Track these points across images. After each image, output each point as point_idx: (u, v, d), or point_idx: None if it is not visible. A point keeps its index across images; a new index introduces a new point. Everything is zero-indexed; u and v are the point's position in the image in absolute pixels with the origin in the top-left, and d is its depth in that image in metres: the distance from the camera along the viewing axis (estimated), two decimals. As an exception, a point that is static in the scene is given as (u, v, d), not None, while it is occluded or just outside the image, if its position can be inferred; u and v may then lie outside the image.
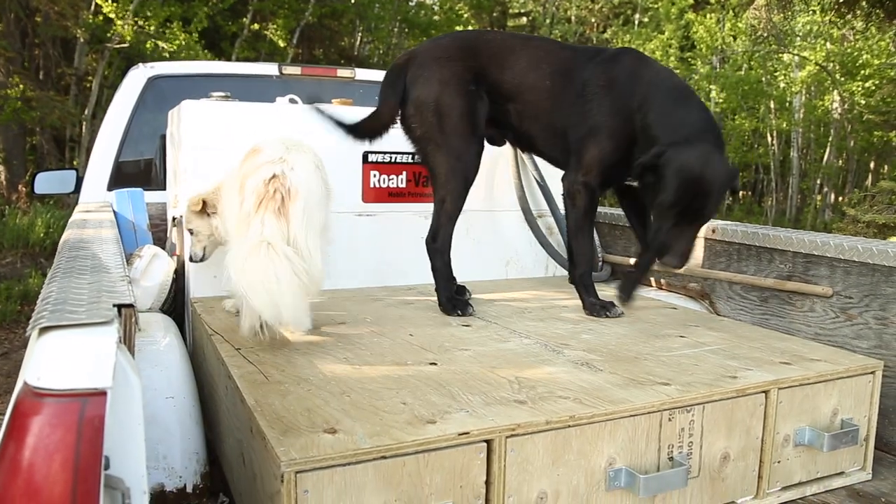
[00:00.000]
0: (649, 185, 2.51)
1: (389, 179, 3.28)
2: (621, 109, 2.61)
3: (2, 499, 0.99)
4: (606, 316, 2.76)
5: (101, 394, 1.02)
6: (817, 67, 17.12)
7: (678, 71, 21.04)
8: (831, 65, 17.06)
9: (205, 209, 2.65)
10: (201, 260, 2.75)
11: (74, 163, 12.70)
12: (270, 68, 4.33)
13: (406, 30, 20.23)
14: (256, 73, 4.29)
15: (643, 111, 2.56)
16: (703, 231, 3.22)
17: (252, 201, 2.20)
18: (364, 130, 2.84)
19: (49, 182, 4.50)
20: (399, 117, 2.81)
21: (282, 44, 16.19)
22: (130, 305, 1.32)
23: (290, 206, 2.19)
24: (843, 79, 17.25)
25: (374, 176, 3.26)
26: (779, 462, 2.05)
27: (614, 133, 2.63)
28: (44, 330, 1.14)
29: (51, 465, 0.99)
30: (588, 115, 2.66)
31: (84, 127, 12.74)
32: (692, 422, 1.88)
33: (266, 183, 2.20)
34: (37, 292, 7.97)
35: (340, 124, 2.80)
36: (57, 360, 1.06)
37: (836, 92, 17.56)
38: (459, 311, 2.72)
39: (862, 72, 16.87)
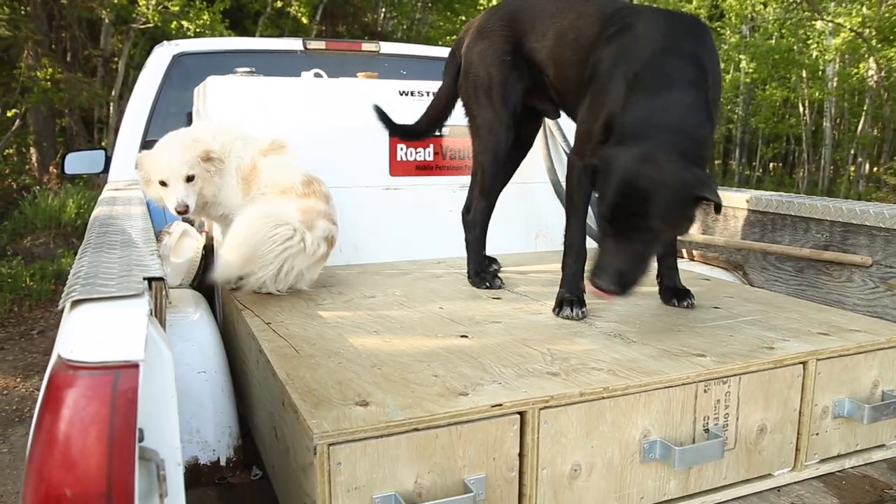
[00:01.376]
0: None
1: (416, 153, 3.26)
2: (612, 97, 2.25)
3: (40, 471, 0.99)
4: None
5: (134, 366, 1.01)
6: (852, 34, 16.66)
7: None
8: (867, 31, 16.58)
9: (211, 162, 2.53)
10: (185, 211, 2.50)
11: (103, 143, 12.82)
12: (295, 43, 4.31)
13: (430, 4, 20.05)
14: (281, 49, 4.27)
15: (619, 102, 2.19)
16: (735, 201, 3.16)
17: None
18: (426, 123, 2.84)
19: (79, 162, 4.54)
20: None
21: (305, 21, 16.15)
22: (160, 279, 1.31)
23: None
24: (879, 45, 16.78)
25: (402, 149, 3.23)
26: (817, 434, 2.01)
27: (600, 121, 2.29)
28: (76, 303, 1.14)
29: (86, 437, 1.00)
30: (591, 94, 2.36)
31: (111, 107, 12.84)
32: (728, 393, 1.84)
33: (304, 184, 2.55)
34: (69, 271, 8.10)
35: (401, 128, 2.82)
36: (89, 332, 1.06)
37: (871, 59, 17.09)
38: (487, 284, 2.70)
39: (900, 37, 16.40)
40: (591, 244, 3.62)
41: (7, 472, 4.17)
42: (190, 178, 2.48)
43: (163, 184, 2.49)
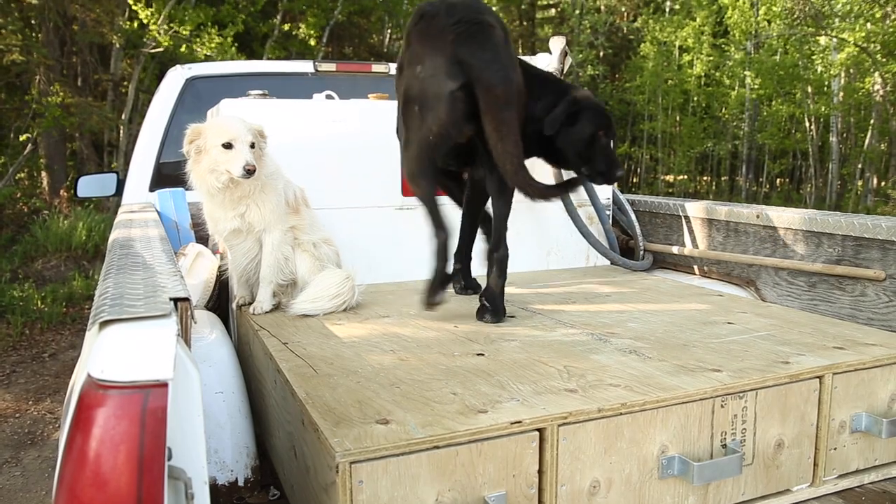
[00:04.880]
0: None
1: (428, 172, 3.28)
2: None
3: (71, 489, 1.01)
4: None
5: (163, 385, 1.03)
6: (857, 49, 16.70)
7: (711, 58, 20.75)
8: (872, 45, 16.62)
9: (263, 139, 2.64)
10: (253, 170, 2.50)
11: (113, 166, 12.93)
12: (306, 66, 4.35)
13: (435, 25, 20.17)
14: (292, 71, 4.32)
15: None
16: (746, 216, 3.17)
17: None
18: None
19: (91, 185, 4.58)
20: None
21: (312, 43, 16.30)
22: (186, 299, 1.33)
23: None
24: (884, 59, 16.80)
25: (413, 169, 3.25)
26: (835, 449, 2.01)
27: None
28: (104, 324, 1.15)
29: (117, 456, 1.01)
30: None
31: (122, 131, 12.96)
32: (745, 408, 1.84)
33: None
34: (80, 294, 8.18)
35: None
36: (119, 352, 1.07)
37: (877, 73, 17.11)
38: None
39: (905, 51, 16.41)
40: (603, 261, 3.65)
41: (20, 494, 4.17)
42: (252, 146, 2.53)
43: (227, 146, 2.50)
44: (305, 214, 2.80)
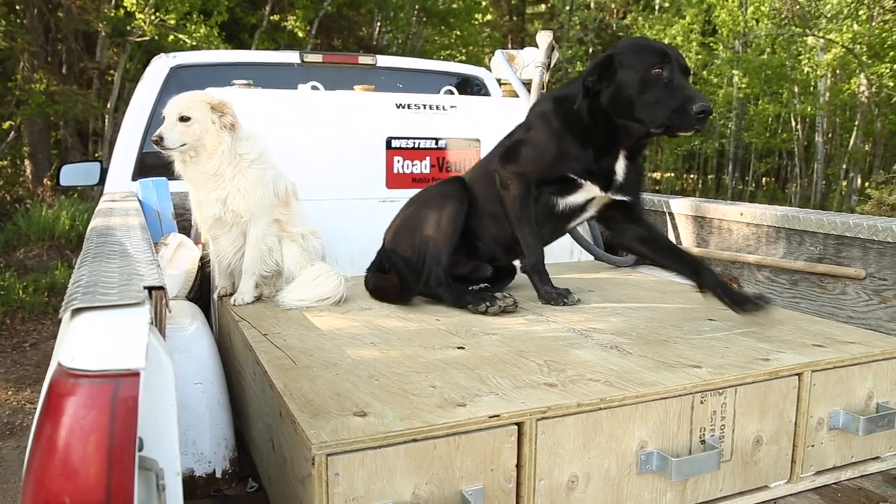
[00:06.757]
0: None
1: (413, 165, 3.27)
2: None
3: (39, 479, 0.99)
4: (564, 304, 2.66)
5: (135, 374, 1.02)
6: (843, 50, 16.81)
7: (699, 57, 20.81)
8: (858, 47, 16.72)
9: (219, 112, 2.57)
10: (164, 147, 2.52)
11: (97, 155, 12.82)
12: (292, 56, 4.32)
13: (424, 19, 20.16)
14: (277, 62, 4.29)
15: None
16: (730, 214, 3.18)
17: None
18: None
19: (74, 174, 4.52)
20: None
21: (301, 34, 16.21)
22: (161, 287, 1.32)
23: None
24: (870, 61, 16.92)
25: (398, 162, 3.25)
26: (812, 446, 2.02)
27: None
28: (76, 311, 1.14)
29: (86, 445, 1.00)
30: None
31: (107, 120, 12.84)
32: (724, 405, 1.85)
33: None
34: (63, 284, 8.09)
35: None
36: (90, 340, 1.06)
37: (862, 75, 17.23)
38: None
39: (891, 53, 16.51)
40: (587, 257, 3.65)
41: (-1, 485, 4.13)
42: (183, 118, 2.51)
43: (161, 119, 2.55)
44: (294, 207, 2.78)
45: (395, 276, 2.64)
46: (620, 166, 2.61)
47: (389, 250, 2.76)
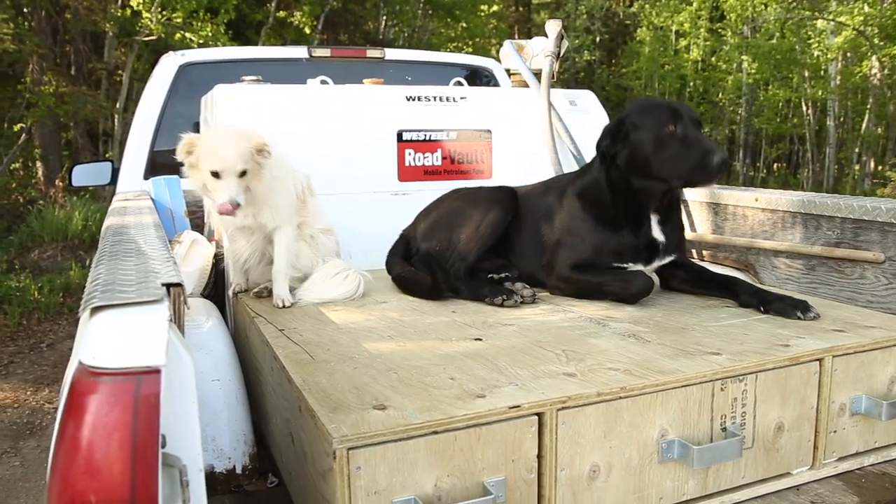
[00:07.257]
0: None
1: (425, 157, 3.26)
2: None
3: (64, 478, 0.99)
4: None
5: (156, 372, 1.01)
6: (854, 32, 16.63)
7: (707, 43, 20.66)
8: (869, 29, 16.54)
9: (262, 154, 2.43)
10: (237, 207, 2.39)
11: (108, 155, 12.87)
12: (300, 51, 4.32)
13: (430, 11, 20.11)
14: (286, 57, 4.29)
15: None
16: (745, 200, 3.16)
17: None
18: None
19: (86, 174, 4.55)
20: None
21: (307, 30, 16.20)
22: (178, 284, 1.32)
23: None
24: (882, 43, 16.74)
25: (410, 154, 3.24)
26: (835, 432, 2.00)
27: None
28: (95, 310, 1.14)
29: (110, 443, 1.00)
30: None
31: (116, 120, 12.89)
32: (745, 391, 1.83)
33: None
34: (78, 284, 8.15)
35: None
36: (110, 338, 1.06)
37: (874, 57, 17.05)
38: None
39: (903, 34, 16.35)
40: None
41: (20, 485, 4.17)
42: (243, 174, 2.38)
43: (215, 175, 2.36)
44: (311, 204, 2.75)
45: (426, 275, 2.64)
46: (657, 233, 2.56)
47: (424, 246, 2.77)
